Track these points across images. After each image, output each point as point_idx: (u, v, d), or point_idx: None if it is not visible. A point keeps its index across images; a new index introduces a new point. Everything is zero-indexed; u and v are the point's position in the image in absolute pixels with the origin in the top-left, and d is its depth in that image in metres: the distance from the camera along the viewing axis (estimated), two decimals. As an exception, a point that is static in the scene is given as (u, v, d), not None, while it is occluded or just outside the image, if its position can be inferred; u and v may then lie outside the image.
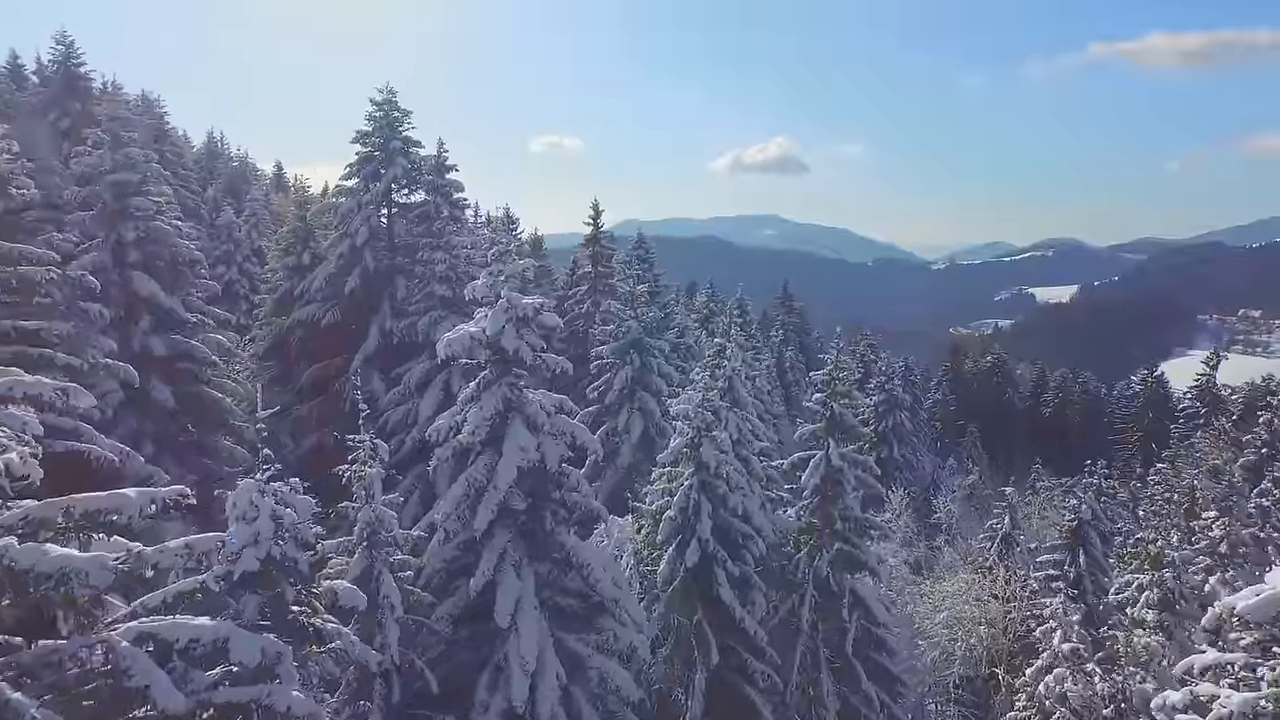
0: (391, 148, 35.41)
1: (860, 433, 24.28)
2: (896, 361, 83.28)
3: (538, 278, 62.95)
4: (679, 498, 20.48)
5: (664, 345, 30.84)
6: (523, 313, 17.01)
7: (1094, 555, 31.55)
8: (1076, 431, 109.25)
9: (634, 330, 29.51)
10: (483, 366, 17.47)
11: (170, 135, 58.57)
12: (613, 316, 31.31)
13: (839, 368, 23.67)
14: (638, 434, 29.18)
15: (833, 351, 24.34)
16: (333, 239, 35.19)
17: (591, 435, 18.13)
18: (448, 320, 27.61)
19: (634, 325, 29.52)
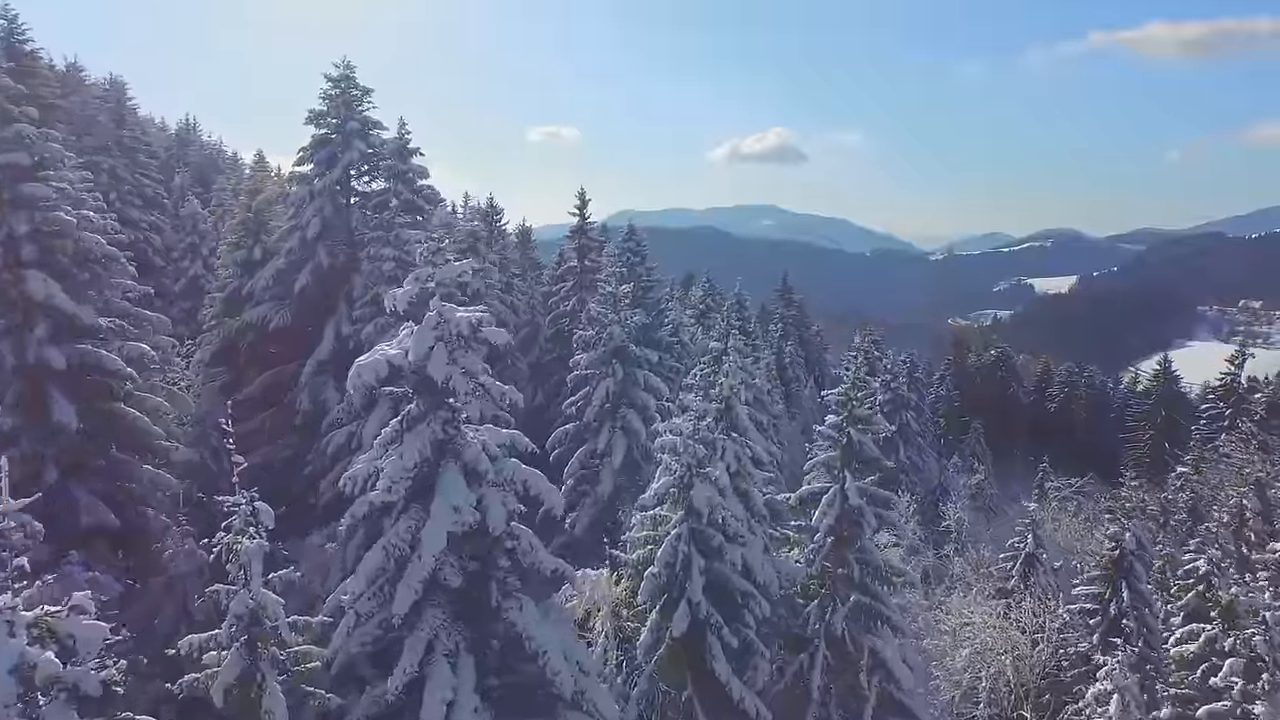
0: (349, 129, 31.25)
1: (883, 465, 20.32)
2: (901, 358, 79.37)
3: (525, 270, 59.00)
4: (665, 550, 16.54)
5: (651, 355, 26.70)
6: (457, 329, 13.02)
7: (1138, 589, 27.65)
8: (1082, 428, 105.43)
9: (617, 336, 25.42)
10: (409, 399, 13.47)
11: (131, 120, 54.36)
12: (594, 320, 27.21)
13: (857, 386, 19.65)
14: (620, 457, 25.11)
15: (848, 366, 20.29)
16: (282, 231, 31.10)
17: (550, 485, 14.11)
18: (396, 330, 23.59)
19: (617, 331, 25.39)
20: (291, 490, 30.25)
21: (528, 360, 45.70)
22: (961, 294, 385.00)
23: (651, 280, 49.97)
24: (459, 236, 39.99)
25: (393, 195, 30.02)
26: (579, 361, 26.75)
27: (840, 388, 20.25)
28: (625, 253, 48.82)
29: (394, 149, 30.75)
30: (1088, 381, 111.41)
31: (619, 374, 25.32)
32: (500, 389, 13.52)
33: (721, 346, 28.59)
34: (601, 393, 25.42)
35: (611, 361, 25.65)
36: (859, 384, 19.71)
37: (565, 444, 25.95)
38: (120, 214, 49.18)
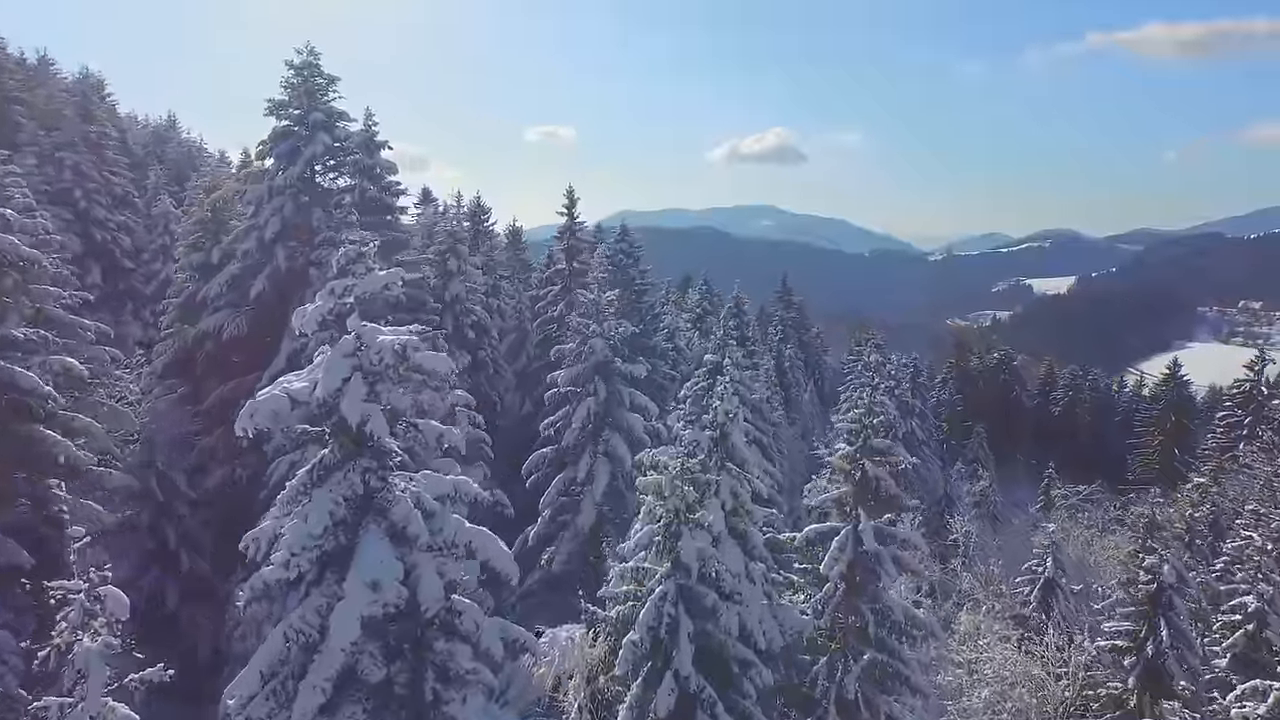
0: (312, 121, 28.44)
1: (903, 502, 17.54)
2: (904, 362, 76.67)
3: (514, 273, 56.19)
4: (648, 612, 13.75)
5: (639, 370, 23.77)
6: (379, 357, 10.25)
7: (1179, 628, 24.85)
8: (1087, 431, 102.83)
9: (599, 350, 22.55)
10: (323, 442, 10.69)
11: (101, 115, 51.50)
12: (574, 331, 24.27)
13: (871, 411, 16.84)
14: (603, 485, 22.19)
15: (859, 386, 17.48)
16: (238, 232, 28.30)
17: (502, 548, 11.31)
18: None
19: (599, 344, 22.49)
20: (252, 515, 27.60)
21: (514, 368, 42.92)
22: (960, 294, 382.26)
23: (645, 283, 47.19)
24: (438, 237, 37.10)
25: (358, 192, 27.24)
26: (556, 379, 23.85)
27: (852, 412, 17.47)
28: (617, 254, 46.06)
29: (360, 142, 27.98)
30: (1092, 384, 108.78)
31: (601, 393, 22.43)
32: (436, 431, 10.75)
33: (717, 359, 25.80)
34: (582, 413, 22.52)
35: (593, 378, 22.75)
36: (873, 409, 16.90)
37: (543, 468, 23.12)
38: (85, 213, 46.48)
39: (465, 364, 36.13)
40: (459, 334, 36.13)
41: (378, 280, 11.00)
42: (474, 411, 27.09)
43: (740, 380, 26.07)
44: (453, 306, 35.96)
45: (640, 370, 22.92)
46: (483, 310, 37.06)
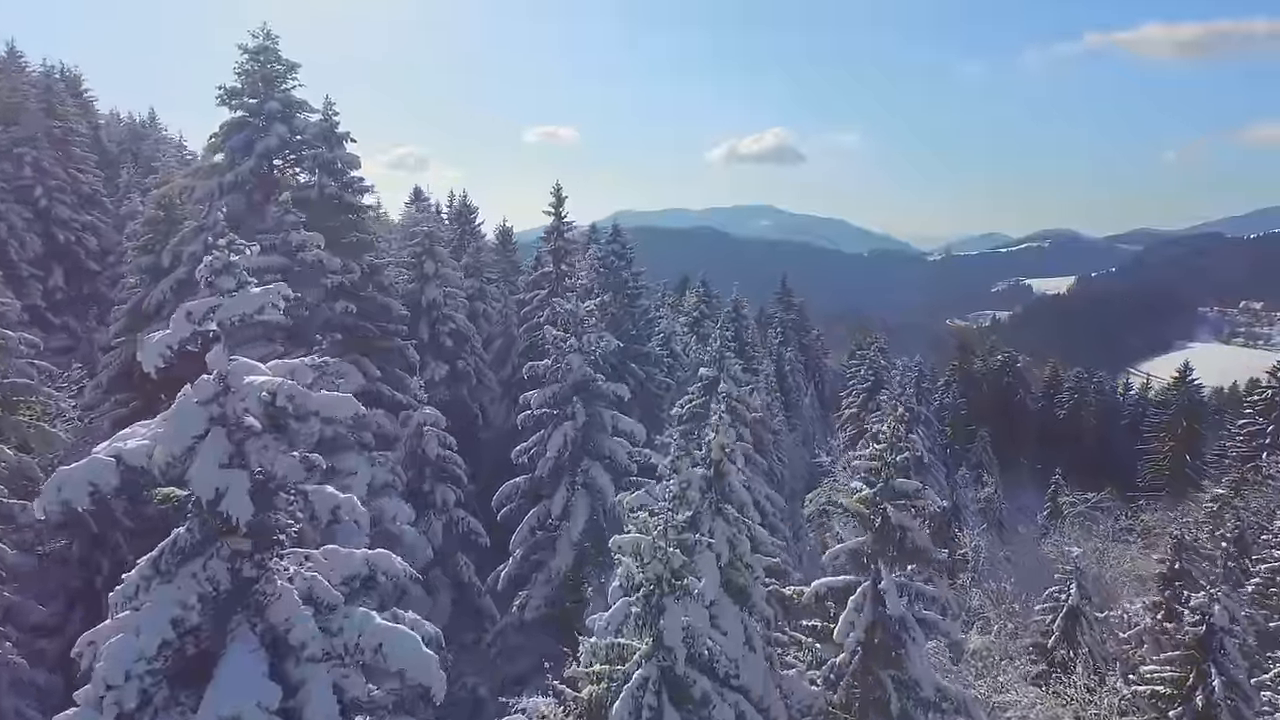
0: (268, 110, 25.64)
1: (932, 555, 14.78)
2: (910, 366, 73.98)
3: (502, 276, 53.45)
4: (624, 702, 10.99)
5: (622, 390, 20.85)
6: (250, 404, 7.52)
7: (1232, 676, 22.11)
8: (1092, 435, 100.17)
9: (577, 368, 19.72)
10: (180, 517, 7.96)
11: (66, 111, 48.69)
12: (550, 346, 21.29)
13: (894, 447, 14.07)
14: (582, 522, 19.27)
15: (881, 417, 14.71)
16: (185, 232, 25.53)
17: (425, 655, 8.51)
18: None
19: (576, 361, 19.65)
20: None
21: (500, 376, 40.16)
22: (959, 294, 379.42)
23: (639, 287, 44.37)
24: (414, 238, 34.41)
25: (318, 189, 24.47)
26: (529, 400, 20.96)
27: (872, 447, 14.72)
28: (609, 256, 43.23)
29: (320, 134, 25.18)
30: (1097, 387, 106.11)
31: (580, 416, 19.59)
32: (330, 502, 7.99)
33: (713, 373, 23.07)
34: (558, 440, 19.66)
35: (571, 400, 19.90)
36: (896, 442, 14.15)
37: (516, 500, 20.27)
38: (47, 212, 43.65)
39: (443, 374, 33.43)
40: (435, 342, 33.42)
41: (249, 301, 8.26)
42: (446, 432, 24.41)
43: (739, 398, 23.37)
44: (429, 313, 33.23)
45: (624, 390, 20.04)
46: (463, 317, 34.37)
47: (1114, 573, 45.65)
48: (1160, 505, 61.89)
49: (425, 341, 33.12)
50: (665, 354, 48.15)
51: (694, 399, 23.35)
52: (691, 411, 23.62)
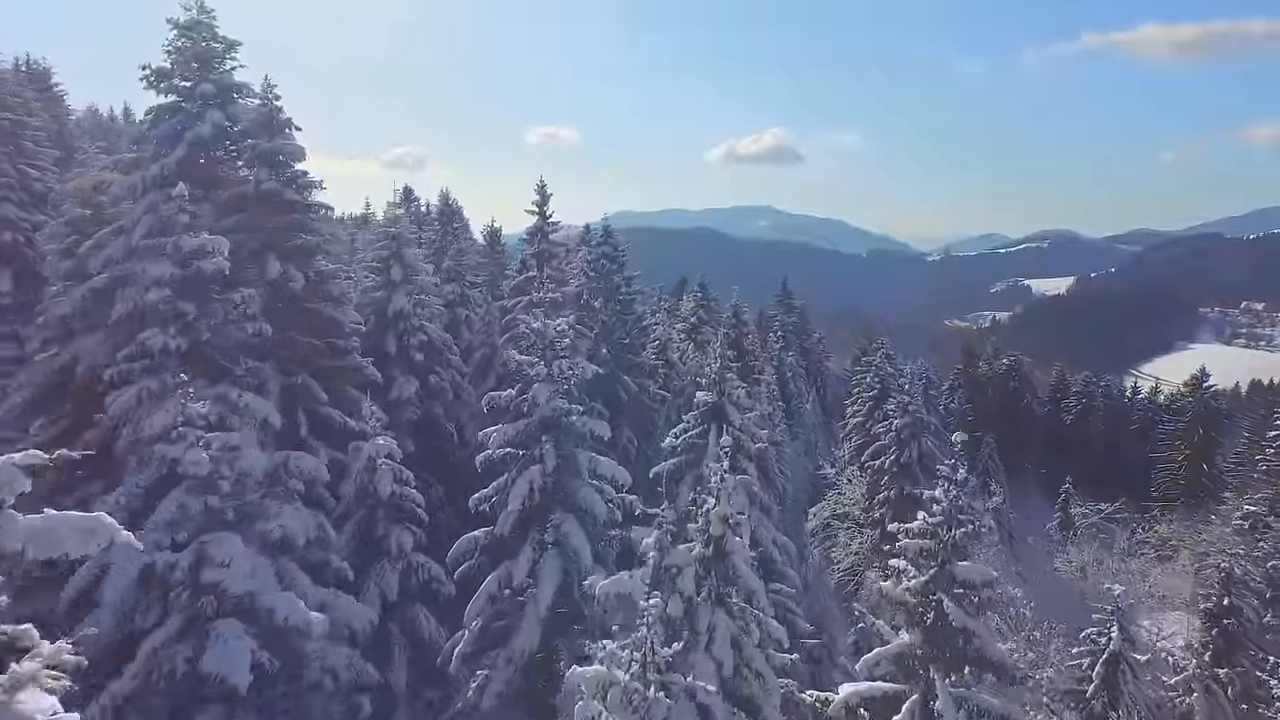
0: (201, 94, 22.13)
1: (1007, 667, 11.24)
2: (916, 371, 70.55)
3: (489, 280, 49.94)
4: None
5: (601, 428, 17.06)
6: None
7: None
8: (1100, 441, 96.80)
9: (544, 400, 15.99)
10: None
11: (15, 104, 45.18)
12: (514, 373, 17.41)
13: (954, 518, 10.59)
14: (550, 592, 15.14)
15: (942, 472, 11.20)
16: (102, 234, 22.00)
17: None
18: (165, 399, 14.14)
19: (544, 393, 15.99)
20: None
21: (481, 390, 36.50)
22: (959, 295, 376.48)
23: (633, 292, 40.95)
24: (378, 240, 30.95)
25: (254, 184, 20.98)
26: (487, 439, 17.21)
27: (922, 517, 11.23)
28: (600, 259, 39.80)
29: (258, 121, 21.67)
30: (1105, 391, 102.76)
31: (549, 459, 15.81)
32: None
33: (713, 397, 19.67)
34: (523, 488, 15.82)
35: (539, 440, 16.29)
36: (954, 514, 10.66)
37: (475, 556, 16.65)
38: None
39: (412, 392, 29.91)
40: (404, 356, 29.89)
41: None
42: (416, 453, 20.96)
43: (743, 428, 19.93)
44: (396, 323, 29.73)
45: (604, 428, 16.43)
46: (437, 327, 30.87)
47: (1133, 591, 42.26)
48: (1176, 516, 58.65)
49: (392, 355, 29.63)
50: (660, 363, 44.74)
51: (690, 429, 19.97)
52: (688, 443, 20.23)
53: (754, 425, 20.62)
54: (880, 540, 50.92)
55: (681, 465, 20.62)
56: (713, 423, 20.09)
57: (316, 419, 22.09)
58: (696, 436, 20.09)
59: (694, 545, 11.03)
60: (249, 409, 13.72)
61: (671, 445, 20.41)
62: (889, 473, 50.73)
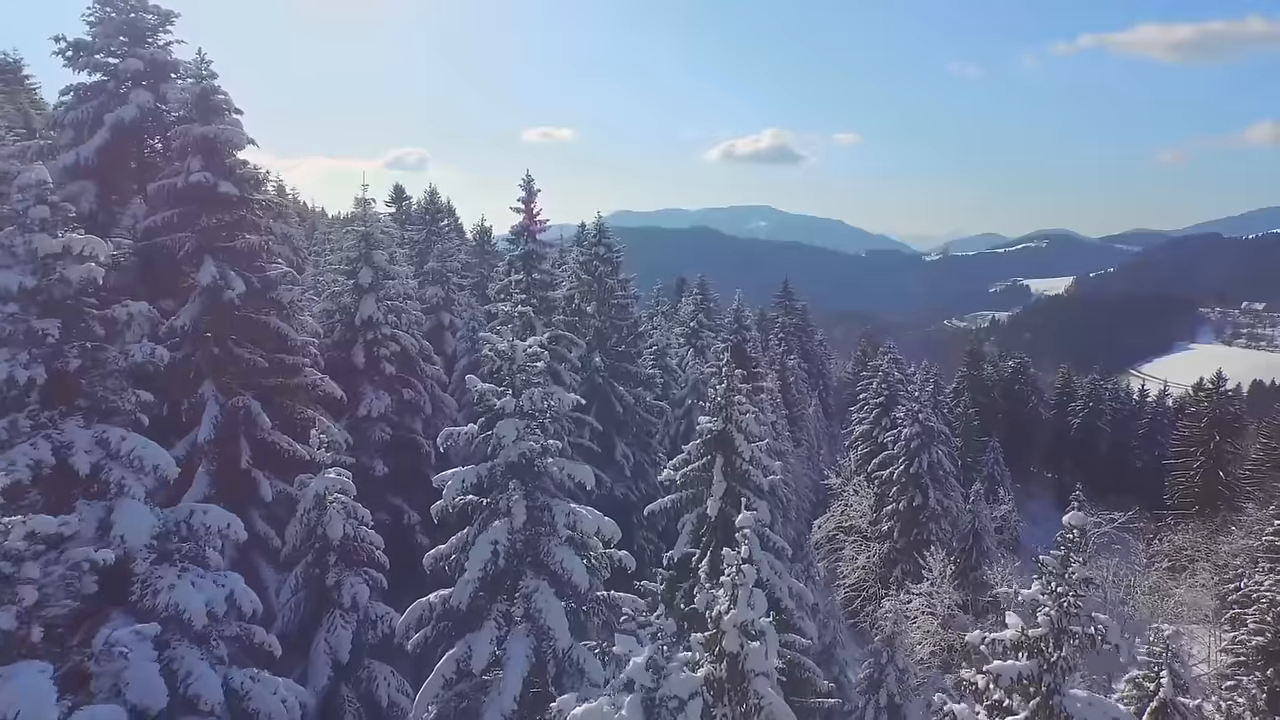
0: (126, 72, 19.06)
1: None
2: (926, 378, 67.52)
3: (477, 283, 46.91)
4: None
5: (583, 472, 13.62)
6: None
7: None
8: (1107, 445, 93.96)
9: (512, 440, 12.60)
10: None
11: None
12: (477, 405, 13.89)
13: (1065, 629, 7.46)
14: (517, 680, 11.09)
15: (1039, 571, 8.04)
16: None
17: None
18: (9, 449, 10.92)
19: (511, 430, 12.59)
20: None
21: (465, 401, 33.47)
22: (958, 295, 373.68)
23: (628, 296, 37.85)
24: (347, 240, 27.82)
25: (184, 175, 17.86)
26: (443, 483, 13.82)
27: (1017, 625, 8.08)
28: (592, 260, 36.70)
29: (191, 101, 18.54)
30: (1112, 394, 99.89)
31: (518, 513, 12.53)
32: None
33: (718, 425, 16.61)
34: (484, 551, 12.28)
35: (506, 488, 13.13)
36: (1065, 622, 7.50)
37: (432, 623, 13.36)
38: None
39: (383, 408, 26.83)
40: (373, 368, 26.79)
41: None
42: (355, 502, 17.82)
43: (755, 460, 16.84)
44: (364, 333, 26.64)
45: (586, 472, 13.15)
46: (410, 337, 27.77)
47: (1157, 610, 39.30)
48: (1191, 526, 55.80)
49: (360, 368, 26.56)
50: (658, 371, 41.73)
51: (691, 460, 16.95)
52: (688, 477, 17.19)
53: (765, 455, 17.53)
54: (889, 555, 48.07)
55: (682, 503, 17.56)
56: (718, 453, 17.03)
57: (261, 447, 19.02)
58: (699, 469, 17.05)
59: (700, 663, 8.04)
60: (136, 456, 10.66)
61: (670, 478, 17.36)
62: (898, 483, 47.86)
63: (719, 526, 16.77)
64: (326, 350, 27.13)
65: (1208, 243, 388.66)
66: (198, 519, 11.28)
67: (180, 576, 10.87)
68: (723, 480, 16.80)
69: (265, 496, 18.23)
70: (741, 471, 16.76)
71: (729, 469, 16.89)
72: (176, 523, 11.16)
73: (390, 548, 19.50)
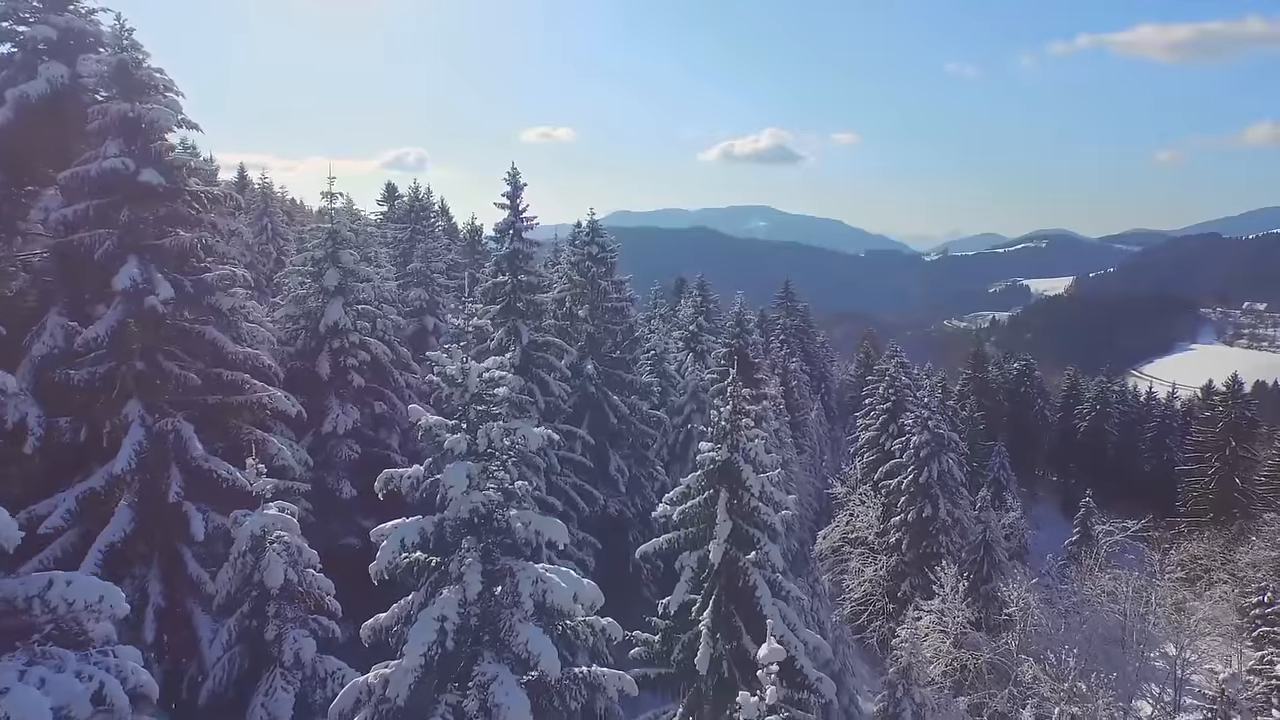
0: (35, 42, 16.42)
1: None
2: (934, 383, 65.00)
3: (464, 285, 44.23)
4: None
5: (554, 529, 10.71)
6: None
7: None
8: (1115, 449, 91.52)
9: (462, 489, 9.71)
10: None
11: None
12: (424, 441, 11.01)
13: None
14: None
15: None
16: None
17: None
18: None
19: (460, 477, 9.76)
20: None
21: (446, 412, 30.82)
22: (957, 295, 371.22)
23: (623, 299, 35.20)
24: (312, 239, 25.17)
25: (98, 160, 15.21)
26: (379, 537, 10.80)
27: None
28: (584, 260, 34.06)
29: (110, 77, 15.88)
30: (1119, 397, 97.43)
31: (472, 581, 9.56)
32: None
33: (723, 455, 14.02)
34: (428, 630, 9.25)
35: (458, 548, 10.16)
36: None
37: (369, 707, 10.62)
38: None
39: (351, 424, 24.17)
40: (340, 380, 24.14)
41: None
42: (300, 541, 15.17)
43: (766, 495, 14.19)
44: (329, 340, 23.99)
45: (558, 530, 10.35)
46: (382, 344, 25.10)
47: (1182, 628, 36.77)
48: (1206, 534, 53.33)
49: (326, 379, 23.91)
50: (656, 378, 39.12)
51: (690, 497, 14.34)
52: (686, 515, 14.56)
53: (777, 489, 14.89)
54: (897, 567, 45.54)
55: (680, 542, 14.94)
56: (722, 487, 14.41)
57: (196, 475, 16.36)
58: (700, 505, 14.44)
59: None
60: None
61: (665, 515, 14.74)
62: (906, 493, 45.18)
63: (723, 572, 14.16)
64: (288, 360, 24.58)
65: (1207, 243, 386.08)
66: (57, 592, 8.69)
67: (24, 675, 8.27)
68: (728, 519, 14.17)
69: (196, 534, 15.58)
70: (749, 508, 14.15)
71: (735, 505, 14.27)
72: (27, 598, 8.56)
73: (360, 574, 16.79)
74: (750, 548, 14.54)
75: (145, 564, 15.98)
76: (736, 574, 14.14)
